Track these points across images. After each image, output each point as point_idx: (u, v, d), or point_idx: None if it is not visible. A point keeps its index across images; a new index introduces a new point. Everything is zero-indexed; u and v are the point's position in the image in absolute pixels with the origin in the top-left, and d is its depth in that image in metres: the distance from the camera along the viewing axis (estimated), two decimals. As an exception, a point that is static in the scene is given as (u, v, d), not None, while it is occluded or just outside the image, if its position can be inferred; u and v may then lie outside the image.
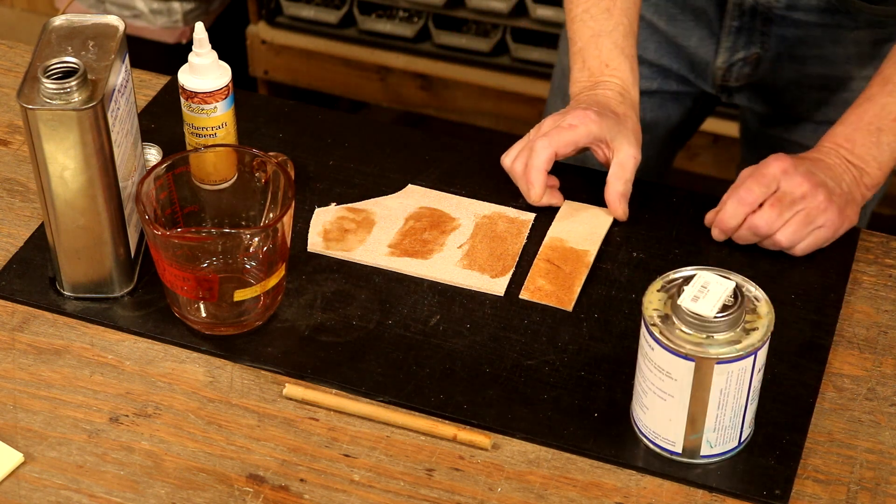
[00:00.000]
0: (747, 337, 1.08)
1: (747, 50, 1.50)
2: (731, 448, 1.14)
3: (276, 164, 1.24)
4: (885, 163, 1.33)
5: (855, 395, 1.20)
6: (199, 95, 1.32)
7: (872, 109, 1.33)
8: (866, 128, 1.33)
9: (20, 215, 1.37)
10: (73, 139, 1.18)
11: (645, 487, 1.13)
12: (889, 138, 1.32)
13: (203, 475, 1.14)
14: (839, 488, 1.13)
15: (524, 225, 1.36)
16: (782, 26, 1.47)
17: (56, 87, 1.16)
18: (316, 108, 1.51)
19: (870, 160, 1.32)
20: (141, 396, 1.20)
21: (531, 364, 1.22)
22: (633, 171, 1.35)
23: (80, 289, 1.28)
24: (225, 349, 1.23)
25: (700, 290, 1.08)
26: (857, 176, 1.32)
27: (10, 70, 1.56)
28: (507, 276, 1.30)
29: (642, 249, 1.33)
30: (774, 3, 1.45)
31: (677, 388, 1.09)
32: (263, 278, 1.22)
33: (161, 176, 1.23)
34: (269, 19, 2.66)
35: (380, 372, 1.21)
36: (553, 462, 1.15)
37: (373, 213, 1.37)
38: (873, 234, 1.36)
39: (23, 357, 1.23)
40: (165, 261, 1.19)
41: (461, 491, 1.13)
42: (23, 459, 1.15)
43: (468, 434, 1.16)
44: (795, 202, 1.28)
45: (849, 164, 1.32)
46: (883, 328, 1.26)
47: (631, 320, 1.26)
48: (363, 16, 2.60)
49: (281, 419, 1.18)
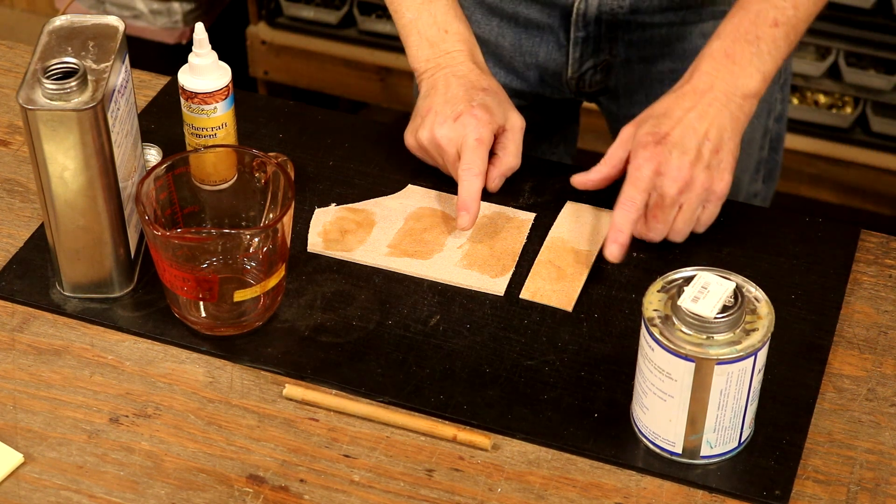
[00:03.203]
0: (747, 338, 1.08)
1: (596, 58, 1.50)
2: (731, 448, 1.14)
3: (276, 164, 1.24)
4: (767, 72, 1.30)
5: (855, 395, 1.20)
6: (199, 96, 1.32)
7: (747, 17, 1.30)
8: (744, 37, 1.29)
9: (20, 215, 1.37)
10: (73, 140, 1.18)
11: (645, 488, 1.13)
12: (767, 46, 1.29)
13: (203, 476, 1.14)
14: (839, 489, 1.13)
15: (524, 225, 1.36)
16: (628, 31, 1.47)
17: (56, 87, 1.16)
18: (316, 109, 1.51)
19: (752, 71, 1.29)
20: (141, 397, 1.20)
21: (531, 364, 1.22)
22: (521, 139, 1.36)
23: (80, 289, 1.28)
24: (225, 349, 1.23)
25: (700, 290, 1.08)
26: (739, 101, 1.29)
27: (10, 70, 1.56)
28: (507, 275, 1.30)
29: (642, 249, 1.33)
30: (618, 8, 1.45)
31: (677, 388, 1.09)
32: (263, 279, 1.22)
33: (161, 176, 1.23)
34: (269, 20, 2.66)
35: (380, 372, 1.21)
36: (553, 462, 1.15)
37: (373, 214, 1.37)
38: (873, 234, 1.36)
39: (23, 357, 1.23)
40: (165, 261, 1.19)
41: (461, 491, 1.13)
42: (23, 460, 1.15)
43: (468, 434, 1.16)
44: (676, 200, 1.28)
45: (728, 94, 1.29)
46: (883, 328, 1.26)
47: (631, 320, 1.26)
48: (363, 16, 2.60)
49: (281, 419, 1.18)
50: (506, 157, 1.36)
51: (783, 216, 1.40)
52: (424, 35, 1.40)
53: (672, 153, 1.28)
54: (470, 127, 1.33)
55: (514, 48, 1.54)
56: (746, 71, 1.29)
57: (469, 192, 1.32)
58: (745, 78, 1.30)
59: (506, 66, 1.56)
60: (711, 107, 1.29)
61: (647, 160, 1.28)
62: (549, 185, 1.40)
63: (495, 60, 1.56)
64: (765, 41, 1.29)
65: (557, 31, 1.49)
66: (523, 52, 1.54)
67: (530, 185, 1.40)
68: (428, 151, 1.37)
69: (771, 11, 1.29)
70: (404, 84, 2.62)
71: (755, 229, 1.36)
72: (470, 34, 1.41)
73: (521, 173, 1.39)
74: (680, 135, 1.28)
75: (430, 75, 1.39)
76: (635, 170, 1.28)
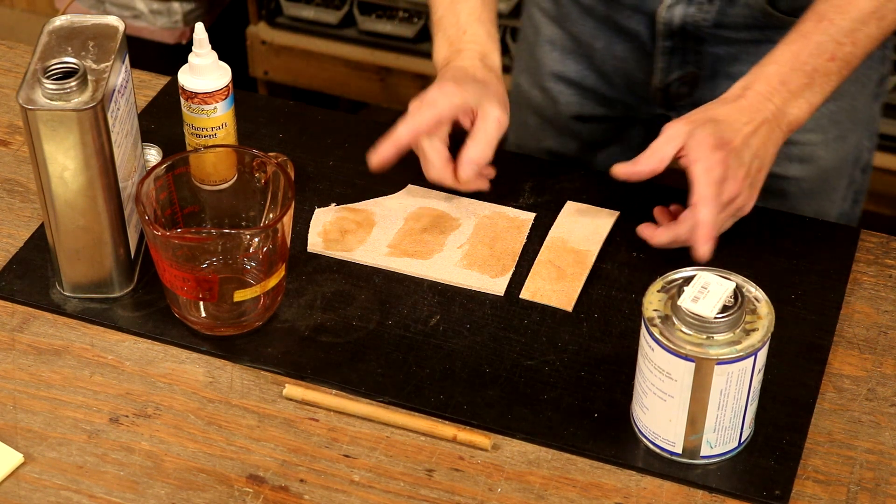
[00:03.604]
0: (747, 338, 1.08)
1: (682, 69, 1.50)
2: (731, 448, 1.14)
3: (276, 164, 1.24)
4: (814, 104, 1.30)
5: (855, 395, 1.20)
6: (199, 96, 1.32)
7: (807, 49, 1.29)
8: (801, 68, 1.29)
9: (20, 215, 1.37)
10: (73, 140, 1.18)
11: (645, 488, 1.13)
12: (821, 79, 1.29)
13: (203, 476, 1.14)
14: (839, 489, 1.13)
15: (524, 225, 1.36)
16: (714, 44, 1.46)
17: (56, 87, 1.16)
18: (316, 109, 1.51)
19: (803, 103, 1.29)
20: (141, 397, 1.20)
21: (531, 364, 1.22)
22: (497, 135, 1.33)
23: (80, 289, 1.28)
24: (225, 349, 1.23)
25: (700, 290, 1.08)
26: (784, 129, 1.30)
27: (10, 70, 1.56)
28: (506, 275, 1.30)
29: (642, 249, 1.33)
30: (702, 21, 1.44)
31: (677, 388, 1.09)
32: (263, 279, 1.22)
33: (161, 176, 1.23)
34: (269, 20, 2.66)
35: (380, 372, 1.21)
36: (553, 462, 1.15)
37: (372, 214, 1.37)
38: (873, 234, 1.36)
39: (23, 357, 1.23)
40: (165, 261, 1.19)
41: (461, 491, 1.13)
42: (23, 460, 1.15)
43: (468, 434, 1.16)
44: (735, 212, 1.29)
45: (779, 120, 1.29)
46: (883, 328, 1.26)
47: (631, 320, 1.26)
48: (363, 16, 2.60)
49: (281, 419, 1.18)
50: (472, 147, 1.32)
51: (783, 216, 1.40)
52: (446, 34, 1.41)
53: (734, 162, 1.27)
54: (429, 95, 1.33)
55: (606, 51, 1.53)
56: (797, 101, 1.29)
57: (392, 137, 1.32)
58: (794, 108, 1.29)
59: (597, 70, 1.55)
60: (764, 127, 1.29)
61: (718, 163, 1.26)
62: (549, 185, 1.40)
63: (587, 62, 1.55)
64: (820, 74, 1.29)
65: (646, 39, 1.49)
66: (614, 57, 1.53)
67: (530, 185, 1.40)
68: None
69: (830, 45, 1.29)
70: (404, 84, 2.62)
71: (755, 229, 1.36)
72: (489, 38, 1.40)
73: (521, 173, 1.39)
74: (740, 147, 1.28)
75: (441, 73, 1.39)
76: (709, 170, 1.26)
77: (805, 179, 1.53)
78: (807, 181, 1.53)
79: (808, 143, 1.50)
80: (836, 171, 1.54)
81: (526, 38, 1.62)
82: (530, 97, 1.62)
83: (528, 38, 1.61)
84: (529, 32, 1.60)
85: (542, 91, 1.59)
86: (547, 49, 1.57)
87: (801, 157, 1.51)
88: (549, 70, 1.57)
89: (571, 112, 1.58)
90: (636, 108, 1.57)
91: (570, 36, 1.54)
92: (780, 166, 1.50)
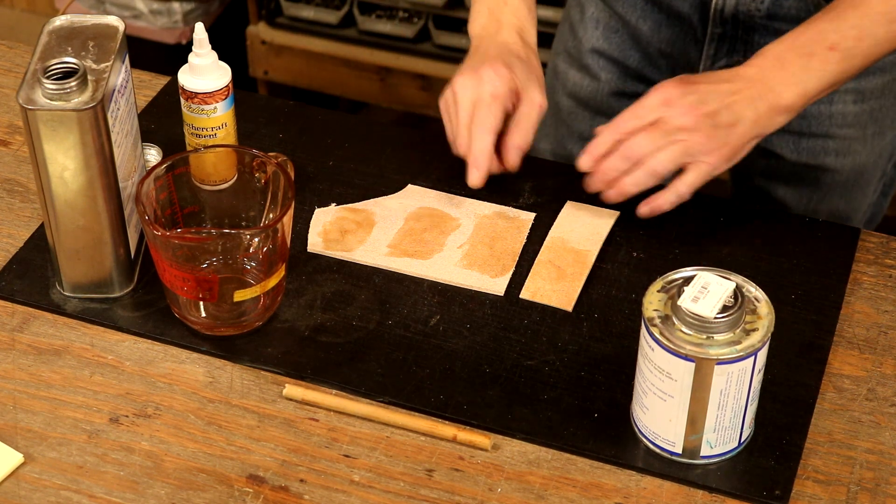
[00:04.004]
0: (747, 338, 1.08)
1: (729, 58, 1.50)
2: (731, 448, 1.14)
3: (276, 164, 1.24)
4: (808, 90, 1.29)
5: (855, 395, 1.20)
6: (199, 96, 1.32)
7: (808, 33, 1.30)
8: (799, 49, 1.29)
9: (20, 215, 1.37)
10: (73, 140, 1.18)
11: (645, 488, 1.13)
12: (818, 65, 1.28)
13: (203, 476, 1.14)
14: (839, 489, 1.13)
15: (524, 225, 1.36)
16: (764, 35, 1.46)
17: (56, 87, 1.16)
18: (316, 109, 1.51)
19: (794, 83, 1.29)
20: (141, 397, 1.20)
21: (531, 364, 1.22)
22: (538, 120, 1.34)
23: (80, 289, 1.28)
24: (225, 349, 1.23)
25: (700, 290, 1.08)
26: (770, 103, 1.29)
27: (10, 70, 1.56)
28: (506, 275, 1.30)
29: (642, 249, 1.33)
30: (755, 11, 1.44)
31: (677, 388, 1.09)
32: (263, 279, 1.22)
33: (161, 176, 1.23)
34: (269, 20, 2.66)
35: (380, 372, 1.21)
36: (553, 462, 1.15)
37: (372, 214, 1.37)
38: (873, 234, 1.36)
39: (23, 357, 1.23)
40: (165, 261, 1.19)
41: (461, 491, 1.13)
42: (23, 460, 1.15)
43: (468, 434, 1.16)
44: (671, 132, 1.27)
45: (764, 93, 1.29)
46: (883, 328, 1.26)
47: (631, 320, 1.26)
48: (363, 16, 2.60)
49: (281, 420, 1.18)
50: (516, 133, 1.34)
51: (783, 216, 1.40)
52: (486, 3, 1.41)
53: (690, 96, 1.27)
54: (486, 79, 1.32)
55: (653, 33, 1.53)
56: (789, 81, 1.29)
57: (480, 149, 1.31)
58: (784, 87, 1.29)
59: (641, 50, 1.56)
60: (746, 92, 1.28)
61: (662, 88, 1.27)
62: (549, 185, 1.40)
63: (632, 42, 1.55)
64: (817, 59, 1.28)
65: (696, 24, 1.49)
66: (661, 39, 1.53)
67: (530, 185, 1.40)
68: (446, 110, 1.36)
69: (833, 35, 1.28)
70: (404, 84, 2.62)
71: (755, 229, 1.36)
72: (528, 13, 1.41)
73: (521, 173, 1.39)
74: (706, 90, 1.27)
75: (478, 44, 1.39)
76: (644, 97, 1.27)
77: (840, 172, 1.53)
78: (842, 174, 1.54)
79: (847, 137, 1.50)
80: (872, 165, 1.55)
81: (569, 18, 1.62)
82: (567, 79, 1.62)
83: (571, 18, 1.61)
84: (574, 12, 1.60)
85: (582, 69, 1.60)
86: (591, 27, 1.57)
87: (837, 151, 1.51)
88: (591, 46, 1.58)
89: (611, 89, 1.59)
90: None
91: (616, 16, 1.55)
92: (817, 158, 1.51)
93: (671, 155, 1.27)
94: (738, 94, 1.28)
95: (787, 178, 1.55)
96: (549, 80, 1.64)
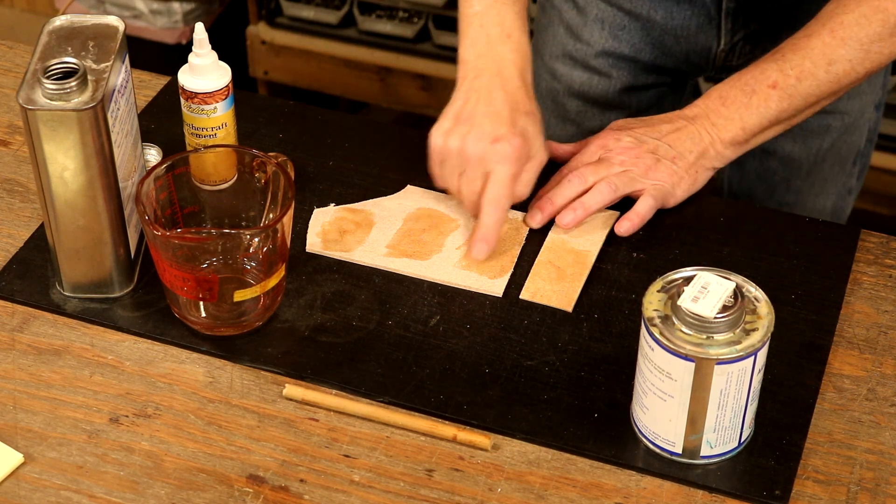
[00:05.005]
0: (747, 337, 1.08)
1: (746, 27, 1.51)
2: (731, 448, 1.14)
3: (276, 164, 1.24)
4: (749, 125, 1.35)
5: (855, 395, 1.20)
6: (199, 96, 1.32)
7: (752, 72, 1.35)
8: (742, 87, 1.35)
9: (20, 215, 1.37)
10: (73, 139, 1.18)
11: (645, 488, 1.13)
12: (759, 102, 1.34)
13: (203, 476, 1.14)
14: (839, 489, 1.13)
15: (523, 226, 1.35)
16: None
17: (56, 87, 1.16)
18: (316, 109, 1.51)
19: (736, 119, 1.35)
20: (141, 397, 1.20)
21: (531, 364, 1.22)
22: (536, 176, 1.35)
23: (80, 289, 1.28)
24: (225, 349, 1.23)
25: (700, 290, 1.08)
26: (713, 138, 1.35)
27: (10, 70, 1.56)
28: (505, 276, 1.30)
29: (642, 249, 1.33)
30: None
31: (677, 388, 1.09)
32: (263, 279, 1.22)
33: (161, 176, 1.23)
34: (269, 20, 2.66)
35: (380, 372, 1.21)
36: (553, 462, 1.15)
37: (371, 214, 1.37)
38: (873, 234, 1.36)
39: (23, 357, 1.23)
40: (165, 261, 1.19)
41: (461, 491, 1.13)
42: (23, 460, 1.15)
43: (468, 434, 1.16)
44: (614, 165, 1.34)
45: (707, 129, 1.36)
46: (883, 328, 1.26)
47: (631, 320, 1.26)
48: (363, 16, 2.60)
49: (281, 420, 1.18)
50: (519, 187, 1.33)
51: (783, 216, 1.40)
52: (486, 30, 1.37)
53: (626, 139, 1.35)
54: (505, 156, 1.30)
55: (666, 20, 1.54)
56: (730, 117, 1.35)
57: (491, 224, 1.30)
58: (725, 122, 1.35)
59: (653, 42, 1.56)
60: (687, 129, 1.36)
61: (595, 139, 1.36)
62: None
63: (643, 35, 1.56)
64: (758, 96, 1.34)
65: (709, 3, 1.51)
66: (675, 26, 1.54)
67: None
68: (448, 159, 1.32)
69: (774, 74, 1.34)
70: (404, 84, 2.62)
71: (755, 229, 1.36)
72: (528, 48, 1.38)
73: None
74: (642, 132, 1.36)
75: (475, 75, 1.35)
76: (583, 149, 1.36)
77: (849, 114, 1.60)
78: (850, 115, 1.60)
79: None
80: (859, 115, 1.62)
81: (561, 20, 1.61)
82: (571, 80, 1.61)
83: (566, 20, 1.60)
84: (569, 15, 1.59)
85: (589, 69, 1.60)
86: (596, 28, 1.57)
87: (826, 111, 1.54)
88: (601, 49, 1.58)
89: (623, 84, 1.60)
90: (689, 73, 1.62)
91: (622, 12, 1.55)
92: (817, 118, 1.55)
93: (620, 179, 1.34)
94: (679, 131, 1.36)
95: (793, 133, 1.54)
96: (546, 82, 1.63)
